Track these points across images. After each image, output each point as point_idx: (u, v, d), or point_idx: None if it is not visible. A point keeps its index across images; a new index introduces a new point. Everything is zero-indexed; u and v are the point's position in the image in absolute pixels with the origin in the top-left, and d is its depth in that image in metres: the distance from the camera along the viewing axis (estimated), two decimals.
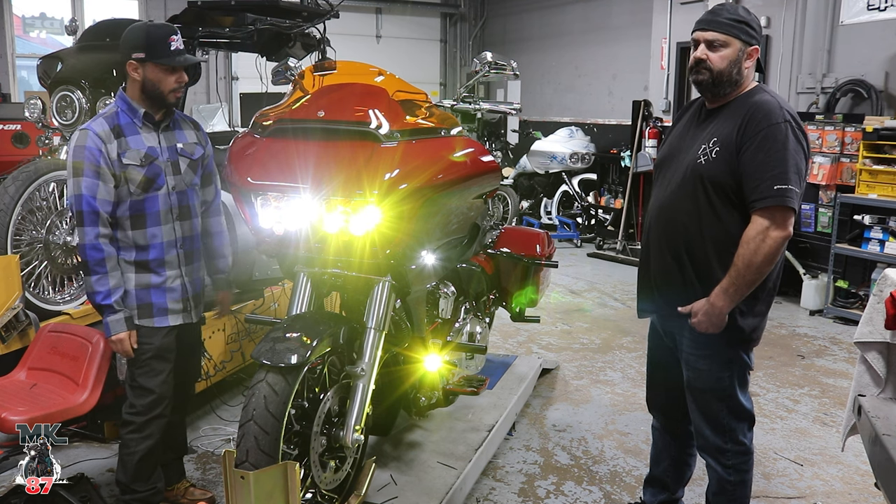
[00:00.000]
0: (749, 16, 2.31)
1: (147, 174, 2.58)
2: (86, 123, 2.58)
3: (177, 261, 2.71)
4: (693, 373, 2.46)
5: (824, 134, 6.04)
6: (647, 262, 2.51)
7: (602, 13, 9.84)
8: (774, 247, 2.18)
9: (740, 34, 2.27)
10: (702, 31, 2.31)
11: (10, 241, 3.24)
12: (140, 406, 2.66)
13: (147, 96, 2.59)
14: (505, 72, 3.57)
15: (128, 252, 2.61)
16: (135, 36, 2.56)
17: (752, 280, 2.22)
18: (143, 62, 2.54)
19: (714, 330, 2.31)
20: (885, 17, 5.95)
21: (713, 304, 2.27)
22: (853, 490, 3.25)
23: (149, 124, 2.63)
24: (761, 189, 2.18)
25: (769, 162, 2.17)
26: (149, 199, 2.61)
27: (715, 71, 2.28)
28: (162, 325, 2.68)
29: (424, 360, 2.82)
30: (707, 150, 2.29)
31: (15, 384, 2.83)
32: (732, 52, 2.27)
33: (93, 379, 2.78)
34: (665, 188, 2.43)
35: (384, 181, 2.21)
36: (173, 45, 2.55)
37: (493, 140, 8.91)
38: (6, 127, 6.29)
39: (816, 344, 5.35)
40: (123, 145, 2.55)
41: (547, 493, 3.20)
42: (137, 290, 2.63)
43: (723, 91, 2.33)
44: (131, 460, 2.67)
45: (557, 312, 6.02)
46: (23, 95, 8.74)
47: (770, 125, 2.19)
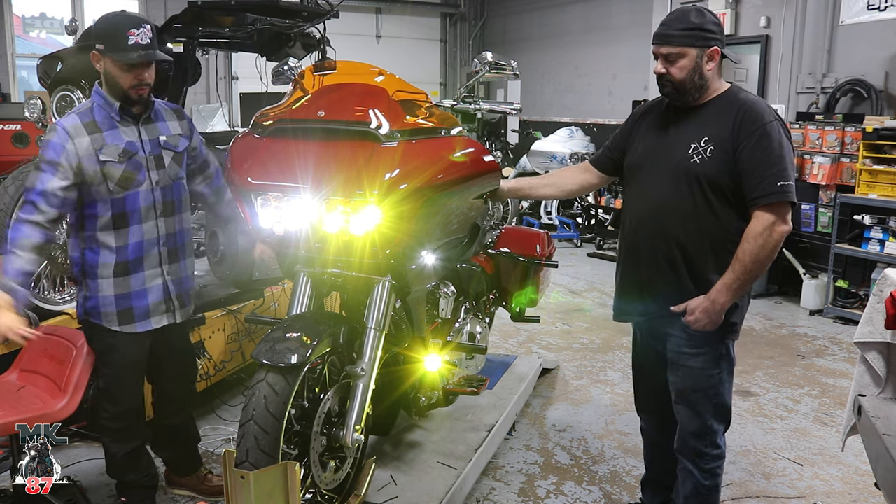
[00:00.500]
0: (703, 18, 2.29)
1: (127, 169, 2.48)
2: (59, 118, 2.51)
3: (158, 259, 2.62)
4: (684, 372, 2.46)
5: (824, 134, 6.04)
6: (635, 264, 2.49)
7: (602, 13, 9.84)
8: (779, 240, 2.24)
9: (694, 42, 2.27)
10: (657, 47, 2.33)
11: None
12: (114, 411, 2.65)
13: (110, 91, 2.49)
14: (505, 72, 3.56)
15: (108, 254, 2.53)
16: (99, 24, 2.47)
17: (757, 274, 2.27)
18: (103, 54, 2.44)
19: (712, 327, 2.32)
20: (886, 16, 5.95)
21: (714, 300, 2.28)
22: (853, 490, 3.25)
23: (127, 118, 2.53)
24: (764, 186, 2.22)
25: (769, 159, 2.22)
26: (129, 196, 2.51)
27: (676, 82, 2.31)
28: (145, 329, 2.62)
29: (424, 360, 2.82)
30: (700, 149, 2.30)
31: (4, 386, 2.81)
32: (689, 61, 2.28)
33: (73, 385, 2.68)
34: (652, 190, 2.42)
35: (384, 181, 2.21)
36: (132, 38, 2.38)
37: (493, 140, 8.92)
38: (6, 127, 6.28)
39: (816, 344, 5.35)
40: (99, 141, 2.45)
41: (547, 493, 3.20)
42: (117, 296, 2.56)
43: (692, 97, 2.35)
44: (116, 459, 2.69)
45: (557, 312, 6.02)
46: (23, 95, 8.74)
47: (765, 123, 2.24)
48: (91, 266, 2.55)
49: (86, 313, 2.61)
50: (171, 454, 3.01)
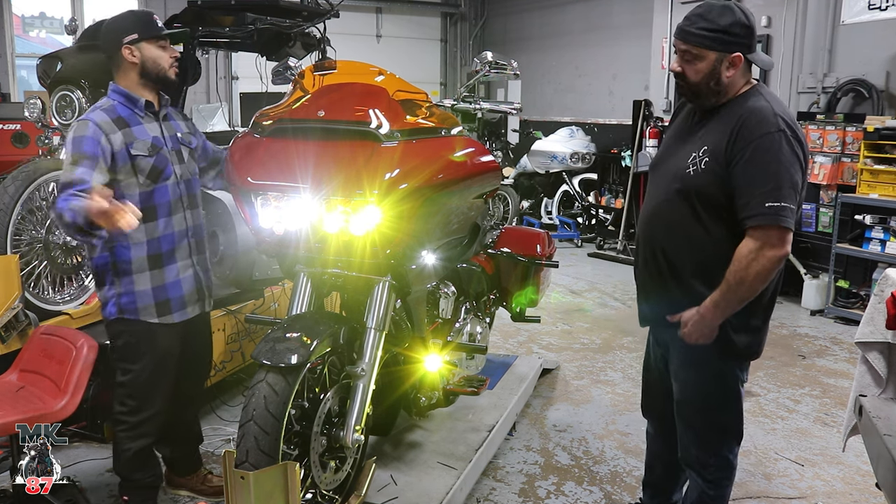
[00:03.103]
0: (730, 19, 2.09)
1: (156, 164, 2.56)
2: (84, 114, 2.54)
3: (188, 250, 2.69)
4: (679, 384, 2.40)
5: (825, 134, 6.03)
6: (637, 270, 2.47)
7: (602, 13, 9.83)
8: (768, 266, 2.06)
9: (715, 44, 2.10)
10: (676, 41, 2.18)
11: (9, 240, 3.24)
12: (133, 406, 2.65)
13: (148, 79, 2.57)
14: (505, 71, 3.56)
15: (139, 248, 2.56)
16: (121, 23, 2.56)
17: (743, 297, 2.11)
18: (137, 42, 2.52)
19: (704, 341, 2.20)
20: (887, 16, 5.94)
21: (703, 315, 2.16)
22: (854, 490, 3.25)
23: (150, 114, 2.61)
24: (752, 206, 2.04)
25: (761, 176, 2.03)
26: (158, 189, 2.58)
27: (691, 83, 2.17)
28: (182, 318, 2.68)
29: (425, 361, 2.81)
30: (697, 159, 2.16)
31: (3, 386, 2.81)
32: (706, 64, 2.12)
33: (73, 385, 2.69)
34: (654, 195, 2.35)
35: (384, 181, 2.20)
36: (159, 22, 2.59)
37: (494, 140, 8.91)
38: (6, 127, 6.28)
39: (817, 344, 5.34)
40: (129, 136, 2.51)
41: (547, 493, 3.20)
42: (154, 288, 2.60)
43: (707, 101, 2.20)
44: (126, 456, 2.67)
45: (558, 312, 6.01)
46: (22, 95, 8.74)
47: (763, 135, 2.04)
48: (123, 262, 2.56)
49: (120, 310, 2.60)
50: (173, 452, 3.02)
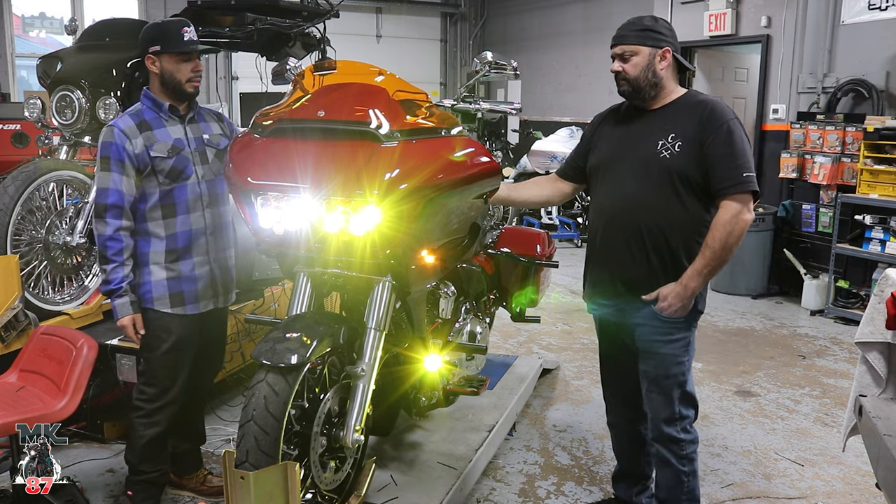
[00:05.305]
0: (655, 23, 2.51)
1: (175, 164, 2.69)
2: (113, 119, 2.72)
3: (205, 247, 2.80)
4: (657, 360, 2.57)
5: (825, 134, 6.04)
6: (605, 257, 2.62)
7: (602, 13, 9.83)
8: (745, 228, 2.39)
9: (646, 40, 2.47)
10: (613, 47, 2.52)
11: (9, 241, 3.23)
12: (151, 393, 2.75)
13: (167, 88, 2.71)
14: (505, 71, 3.56)
15: (158, 243, 2.70)
16: (150, 31, 2.70)
17: (724, 259, 2.41)
18: (159, 54, 2.67)
19: (682, 312, 2.46)
20: (887, 16, 5.94)
21: (686, 286, 2.42)
22: (854, 490, 3.25)
23: (174, 117, 2.75)
24: (732, 177, 2.38)
25: (734, 153, 2.39)
26: (178, 188, 2.71)
27: (631, 79, 2.49)
28: (194, 311, 2.78)
29: (425, 361, 2.81)
30: (668, 144, 2.45)
31: (3, 386, 2.81)
32: (642, 58, 2.47)
33: (73, 385, 2.72)
34: (620, 186, 2.55)
35: (384, 181, 2.20)
36: (186, 35, 2.67)
37: (494, 140, 8.92)
38: (6, 127, 6.29)
39: (817, 344, 5.34)
40: (151, 138, 2.66)
41: (547, 493, 3.20)
42: (169, 279, 2.73)
43: (647, 95, 2.51)
44: (138, 443, 2.76)
45: (558, 312, 6.01)
46: (22, 95, 8.74)
47: (728, 120, 2.41)
48: (143, 254, 2.72)
49: (138, 300, 2.72)
50: (176, 447, 3.03)
